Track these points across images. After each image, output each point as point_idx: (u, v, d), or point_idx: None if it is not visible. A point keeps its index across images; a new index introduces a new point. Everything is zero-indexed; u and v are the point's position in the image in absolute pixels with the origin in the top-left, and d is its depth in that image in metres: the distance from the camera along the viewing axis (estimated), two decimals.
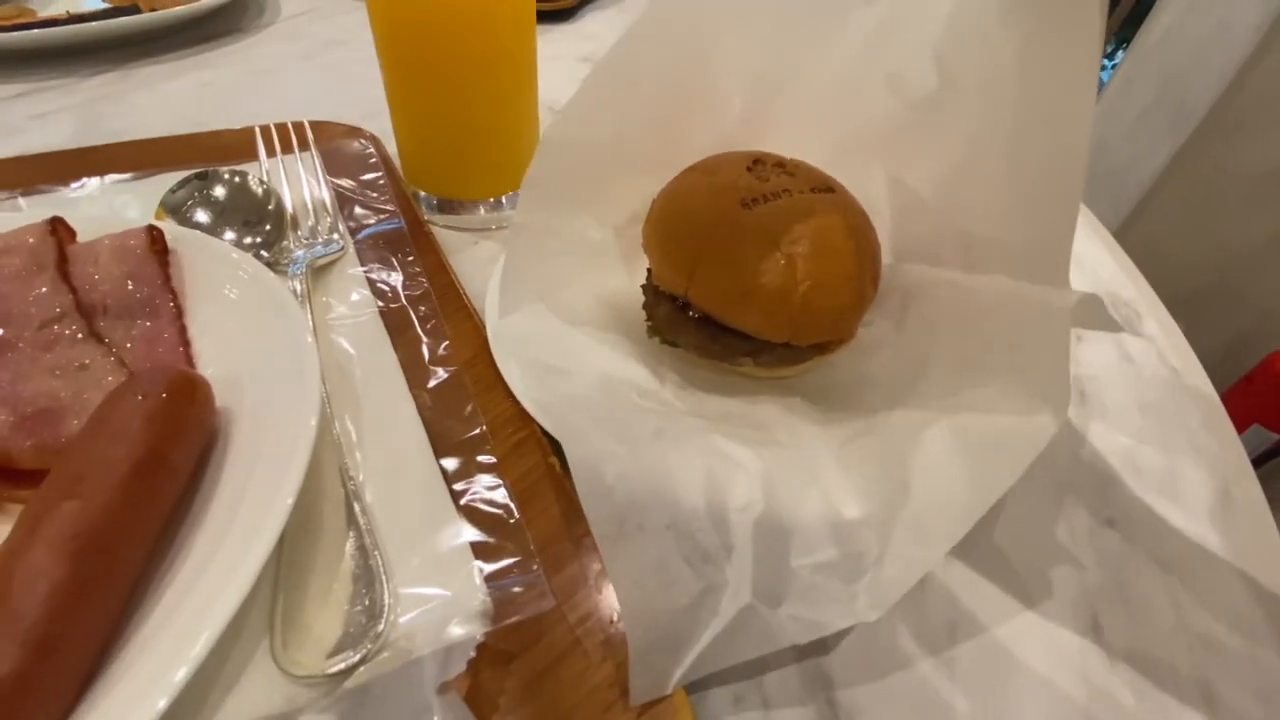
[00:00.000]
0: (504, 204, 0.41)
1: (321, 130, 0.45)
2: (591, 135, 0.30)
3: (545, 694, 0.21)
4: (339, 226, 0.38)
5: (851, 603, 0.22)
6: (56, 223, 0.30)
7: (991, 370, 0.26)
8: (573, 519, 0.26)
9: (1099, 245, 0.45)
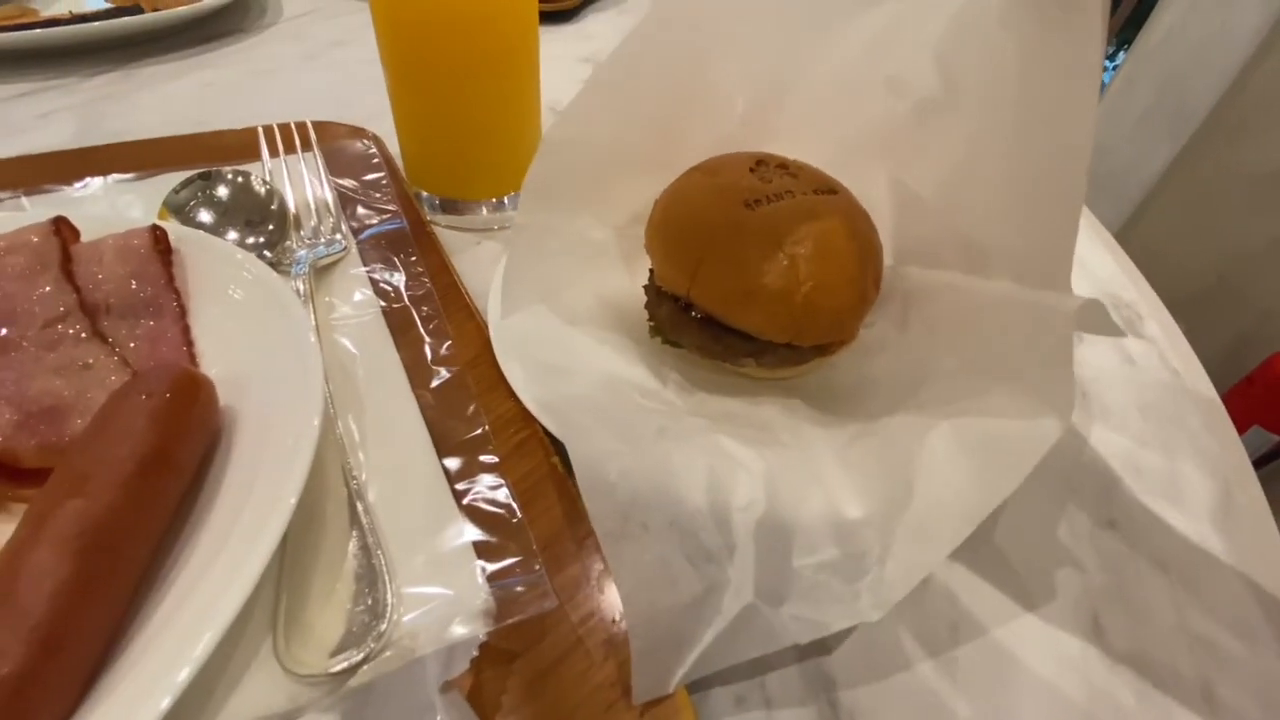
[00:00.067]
0: (506, 204, 0.42)
1: (324, 130, 0.45)
2: (593, 136, 0.30)
3: (547, 693, 0.21)
4: (342, 227, 0.38)
5: (854, 603, 0.22)
6: (60, 222, 0.30)
7: (994, 373, 0.26)
8: (575, 519, 0.26)
9: (1100, 246, 0.45)
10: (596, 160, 0.31)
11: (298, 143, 0.43)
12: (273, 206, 0.37)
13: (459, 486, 0.26)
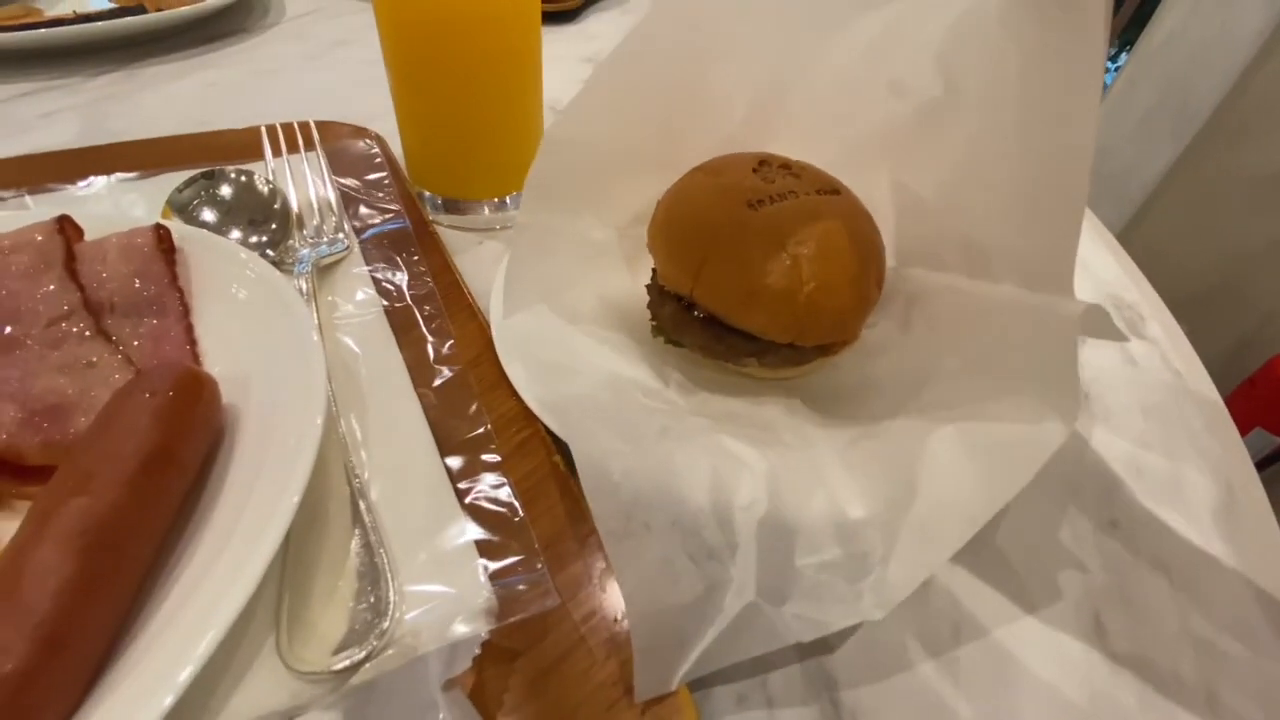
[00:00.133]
0: (508, 204, 0.42)
1: (327, 130, 0.45)
2: (594, 135, 0.30)
3: (550, 691, 0.21)
4: (344, 226, 0.38)
5: (856, 602, 0.22)
6: (64, 221, 0.30)
7: (998, 375, 0.26)
8: (576, 518, 0.26)
9: (1102, 248, 0.45)
10: (598, 160, 0.31)
11: (300, 142, 0.43)
12: (275, 206, 0.38)
13: (461, 485, 0.26)
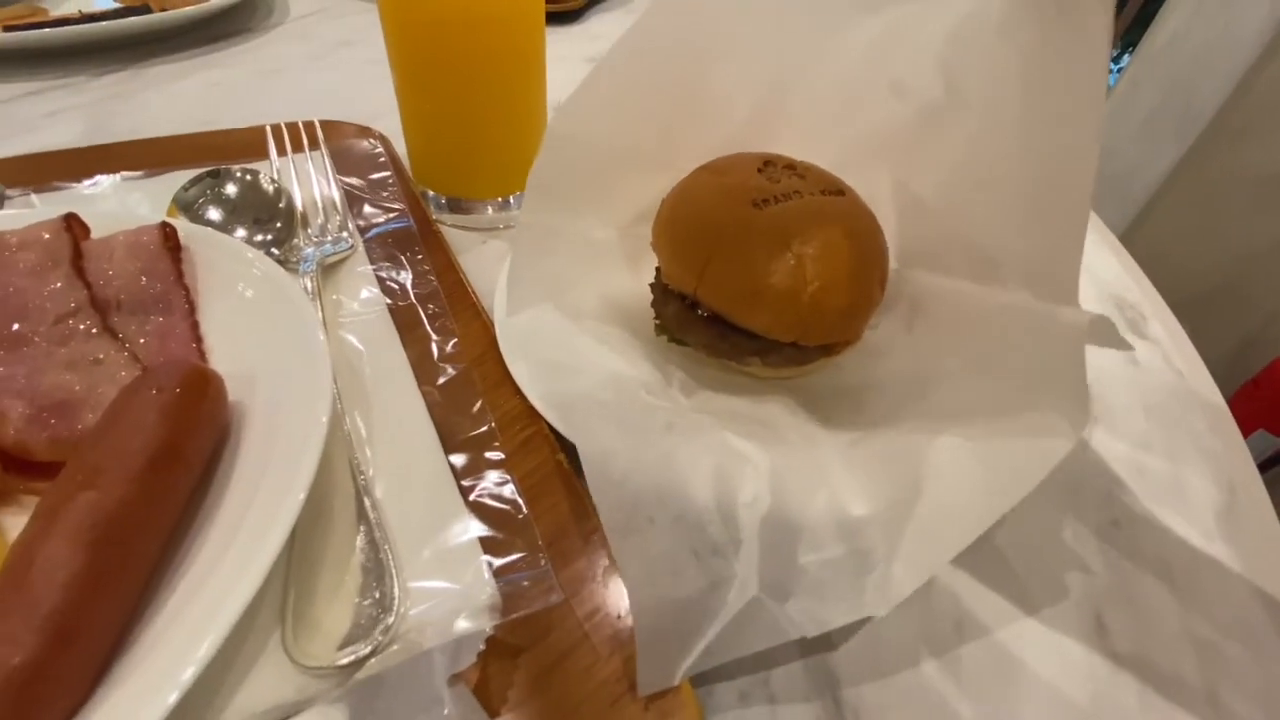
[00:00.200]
0: (512, 204, 0.42)
1: (331, 130, 0.45)
2: (595, 133, 0.30)
3: (553, 687, 0.21)
4: (348, 225, 0.38)
5: (858, 599, 0.22)
6: (71, 219, 0.30)
7: (1003, 381, 0.26)
8: (580, 515, 0.26)
9: (1105, 248, 0.45)
10: (599, 159, 0.32)
11: (305, 141, 0.43)
12: (280, 204, 0.38)
13: (465, 482, 0.26)
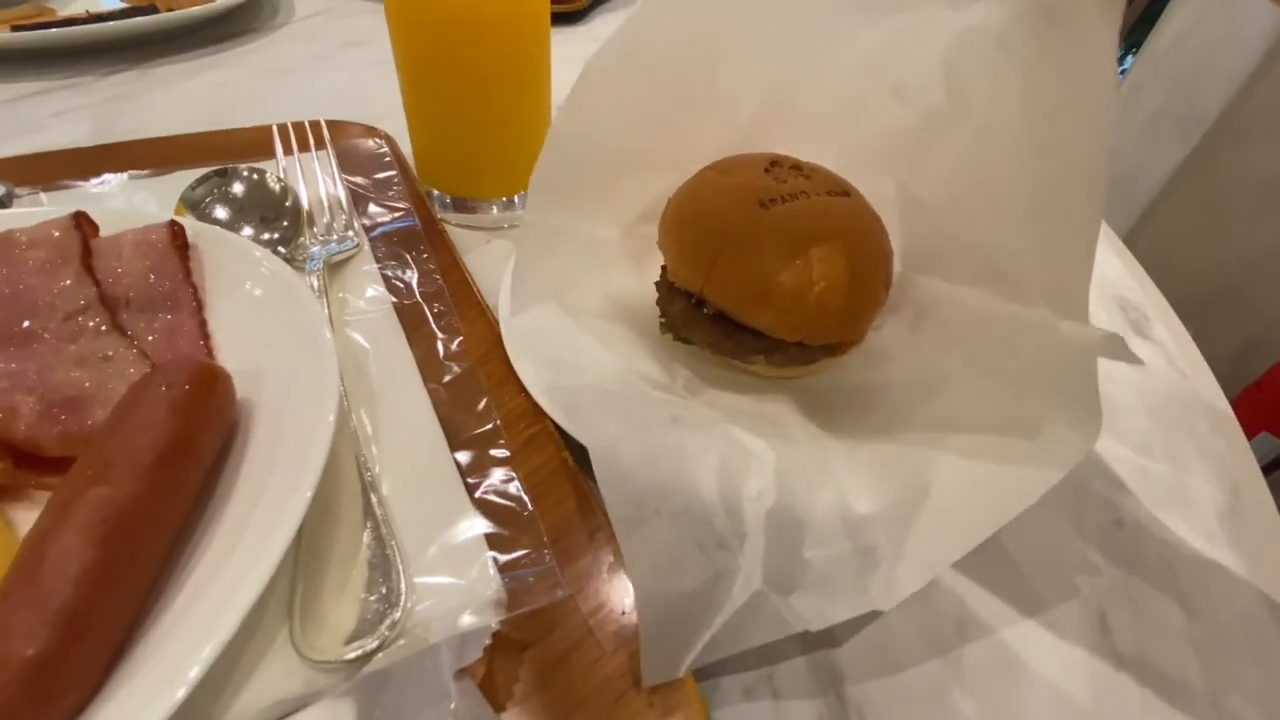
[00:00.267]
0: (516, 203, 0.42)
1: (337, 129, 0.46)
2: (598, 131, 0.30)
3: (559, 682, 0.21)
4: (354, 224, 0.39)
5: (862, 595, 0.23)
6: (80, 217, 0.31)
7: (1012, 387, 0.25)
8: (585, 512, 0.26)
9: (1108, 250, 0.45)
10: (602, 158, 0.32)
11: (311, 141, 0.43)
12: (287, 203, 0.38)
13: (471, 480, 0.26)
